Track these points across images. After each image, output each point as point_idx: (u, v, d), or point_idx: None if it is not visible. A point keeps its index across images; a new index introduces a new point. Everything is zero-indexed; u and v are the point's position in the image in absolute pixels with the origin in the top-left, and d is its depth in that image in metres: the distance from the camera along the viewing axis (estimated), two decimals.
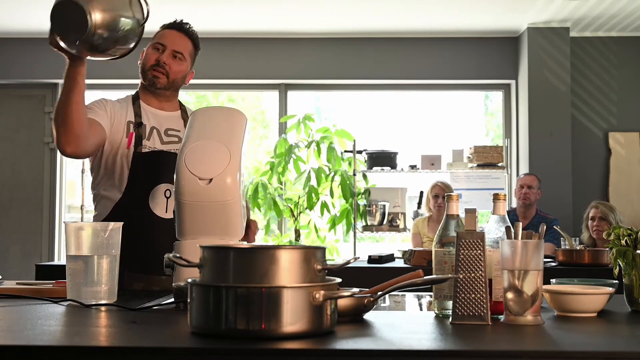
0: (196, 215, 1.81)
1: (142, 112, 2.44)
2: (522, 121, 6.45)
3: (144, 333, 1.44)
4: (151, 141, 2.39)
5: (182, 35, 2.45)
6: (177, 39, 2.44)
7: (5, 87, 6.76)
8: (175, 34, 2.44)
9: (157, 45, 2.42)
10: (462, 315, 1.54)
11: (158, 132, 2.42)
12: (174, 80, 2.44)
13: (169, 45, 2.42)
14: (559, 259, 4.21)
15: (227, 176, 1.81)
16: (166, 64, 2.40)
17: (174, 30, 2.45)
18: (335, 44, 6.61)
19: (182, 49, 2.44)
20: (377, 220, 6.08)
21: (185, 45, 2.45)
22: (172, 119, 2.48)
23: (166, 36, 2.44)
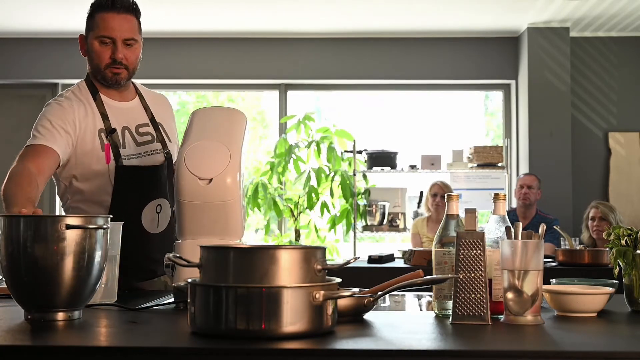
0: (196, 215, 1.81)
1: (108, 110, 2.25)
2: (522, 121, 6.45)
3: (144, 333, 1.44)
4: (127, 147, 2.24)
5: (125, 16, 2.19)
6: (122, 23, 2.18)
7: (5, 87, 6.76)
8: (116, 17, 2.17)
9: (104, 40, 2.19)
10: (462, 315, 1.54)
11: (130, 132, 2.27)
12: (134, 68, 2.26)
13: (117, 37, 2.18)
14: (559, 259, 4.21)
15: (227, 176, 1.81)
16: (123, 59, 2.20)
17: (113, 12, 2.18)
18: (335, 44, 6.61)
19: (131, 33, 2.20)
20: (377, 220, 6.08)
21: (132, 27, 2.21)
22: (136, 110, 2.33)
23: (109, 25, 2.17)
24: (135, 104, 2.34)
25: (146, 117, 2.33)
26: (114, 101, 2.29)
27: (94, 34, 2.21)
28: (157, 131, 2.32)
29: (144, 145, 2.29)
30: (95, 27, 2.21)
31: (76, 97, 2.25)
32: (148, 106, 2.35)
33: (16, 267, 1.52)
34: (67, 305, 1.54)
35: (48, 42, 6.54)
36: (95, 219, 1.58)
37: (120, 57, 2.19)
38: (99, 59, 2.22)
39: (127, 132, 2.27)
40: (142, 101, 2.36)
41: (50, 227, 1.51)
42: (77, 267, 1.53)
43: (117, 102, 2.30)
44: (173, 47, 6.53)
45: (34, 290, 1.53)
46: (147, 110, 2.34)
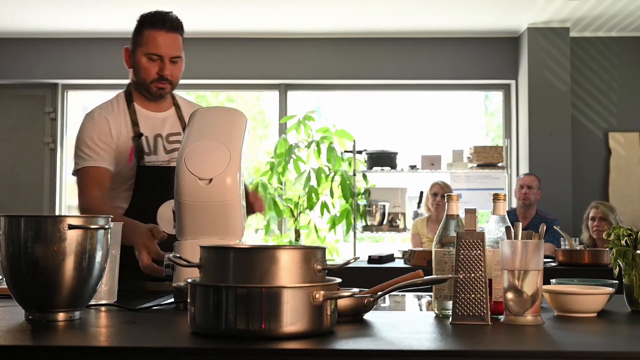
0: (196, 215, 1.81)
1: (140, 118, 2.38)
2: (522, 121, 6.45)
3: (144, 333, 1.44)
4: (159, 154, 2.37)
5: (172, 35, 2.31)
6: (170, 42, 2.30)
7: (5, 87, 6.76)
8: (164, 36, 2.30)
9: (152, 57, 2.31)
10: (462, 315, 1.54)
11: (162, 139, 2.40)
12: (177, 82, 2.40)
13: (165, 55, 2.30)
14: (559, 259, 4.21)
15: (227, 176, 1.80)
16: (169, 75, 2.33)
17: (162, 31, 2.30)
18: (335, 44, 6.61)
19: (178, 51, 2.33)
20: (377, 221, 6.08)
21: (178, 45, 2.33)
22: (170, 120, 2.44)
23: (157, 42, 2.30)
24: (170, 114, 2.45)
25: (179, 127, 2.43)
26: (148, 111, 2.41)
27: (142, 50, 2.32)
28: None
29: (173, 153, 2.39)
30: (144, 43, 2.32)
31: (112, 109, 2.40)
32: (182, 116, 2.45)
33: (17, 267, 1.52)
34: (68, 306, 1.55)
35: (48, 42, 6.55)
36: (96, 219, 1.58)
37: (168, 74, 2.32)
38: (146, 74, 2.34)
39: (159, 140, 2.39)
40: (177, 111, 2.46)
41: (52, 227, 1.51)
42: (78, 268, 1.53)
43: (151, 112, 2.42)
44: None
45: (35, 291, 1.53)
46: (180, 120, 2.44)
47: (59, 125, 6.75)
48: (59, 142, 6.72)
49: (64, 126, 6.79)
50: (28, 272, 1.51)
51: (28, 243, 1.51)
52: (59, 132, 6.73)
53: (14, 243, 1.52)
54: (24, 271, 1.51)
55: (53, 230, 1.51)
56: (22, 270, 1.51)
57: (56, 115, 6.73)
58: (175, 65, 2.34)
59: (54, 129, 6.73)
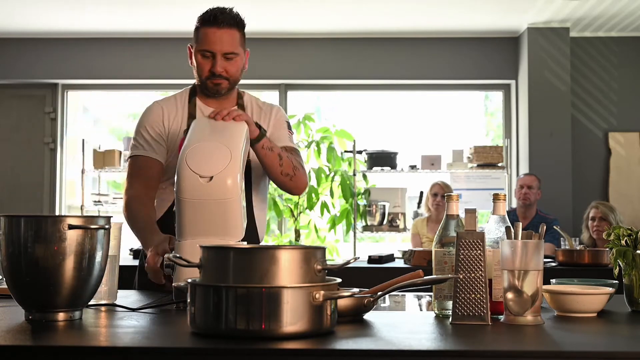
0: (196, 214, 1.81)
1: (198, 113, 2.36)
2: (522, 121, 6.45)
3: (144, 333, 1.44)
4: None
5: (226, 30, 2.27)
6: (224, 38, 2.26)
7: (5, 87, 6.76)
8: (218, 32, 2.26)
9: (206, 53, 2.28)
10: (462, 315, 1.54)
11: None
12: (236, 79, 2.34)
13: (217, 51, 2.27)
14: (559, 259, 4.21)
15: (228, 174, 1.81)
16: (222, 72, 2.29)
17: (215, 27, 2.27)
18: (335, 44, 6.61)
19: (231, 47, 2.27)
20: (377, 221, 6.08)
21: (233, 41, 2.28)
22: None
23: (210, 39, 2.27)
24: None
25: None
26: (208, 107, 2.36)
27: (197, 47, 2.31)
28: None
29: None
30: (199, 40, 2.30)
31: (173, 101, 2.40)
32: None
33: (17, 267, 1.52)
34: (68, 306, 1.55)
35: (48, 42, 6.54)
36: (96, 219, 1.58)
37: (220, 70, 2.28)
38: (201, 71, 2.32)
39: None
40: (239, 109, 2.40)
41: (52, 227, 1.51)
42: (78, 268, 1.53)
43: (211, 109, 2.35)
44: (173, 47, 6.52)
45: (35, 291, 1.53)
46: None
47: (59, 125, 6.74)
48: (59, 142, 6.72)
49: (64, 126, 6.79)
50: (28, 272, 1.51)
51: (28, 243, 1.51)
52: (59, 132, 6.73)
53: (14, 243, 1.52)
54: (24, 271, 1.51)
55: (53, 230, 1.51)
56: (22, 270, 1.51)
57: (56, 115, 6.73)
58: (230, 62, 2.29)
59: (54, 129, 6.72)
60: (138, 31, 6.37)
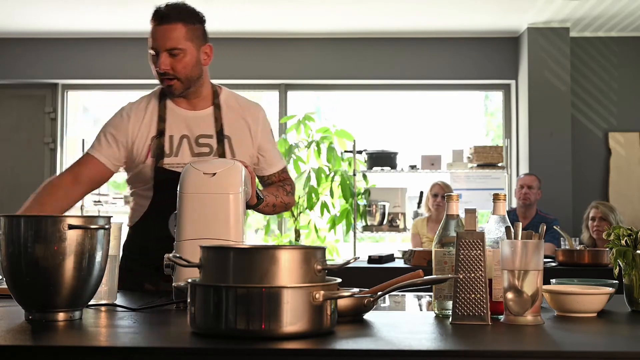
0: (197, 209, 1.82)
1: (169, 116, 2.27)
2: (522, 121, 6.45)
3: (144, 333, 1.44)
4: (180, 155, 2.23)
5: (169, 26, 2.17)
6: (165, 33, 2.17)
7: (5, 87, 6.76)
8: (160, 29, 2.17)
9: (151, 52, 2.21)
10: (462, 315, 1.54)
11: (189, 141, 2.25)
12: (188, 77, 2.21)
13: (160, 47, 2.17)
14: (559, 259, 4.21)
15: (231, 171, 1.84)
16: (169, 70, 2.18)
17: (156, 24, 2.19)
18: (335, 44, 6.61)
19: (174, 42, 2.17)
20: (377, 221, 6.08)
21: (177, 35, 2.17)
22: (204, 120, 2.28)
23: (153, 36, 2.19)
24: (204, 114, 2.30)
25: (213, 129, 2.28)
26: (180, 108, 2.29)
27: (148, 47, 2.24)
28: (219, 144, 2.26)
29: (199, 156, 2.25)
30: (148, 40, 2.23)
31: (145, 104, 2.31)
32: (220, 117, 2.29)
33: (17, 267, 1.52)
34: (68, 306, 1.55)
35: (48, 42, 6.54)
36: (96, 219, 1.58)
37: (163, 68, 2.18)
38: (153, 71, 2.24)
39: (185, 141, 2.26)
40: (215, 111, 2.30)
41: (52, 227, 1.51)
42: (78, 268, 1.53)
43: (183, 110, 2.29)
44: None
45: (35, 291, 1.53)
46: (217, 122, 2.29)
47: (59, 125, 6.75)
48: (59, 142, 6.72)
49: (64, 126, 6.79)
50: (28, 272, 1.51)
51: (28, 243, 1.51)
52: (59, 132, 6.73)
53: (14, 243, 1.52)
54: (24, 271, 1.51)
55: (53, 230, 1.51)
56: (22, 270, 1.51)
57: (56, 115, 6.73)
58: (176, 59, 2.18)
59: (54, 129, 6.73)
60: (138, 31, 6.36)
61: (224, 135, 2.28)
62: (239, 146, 2.29)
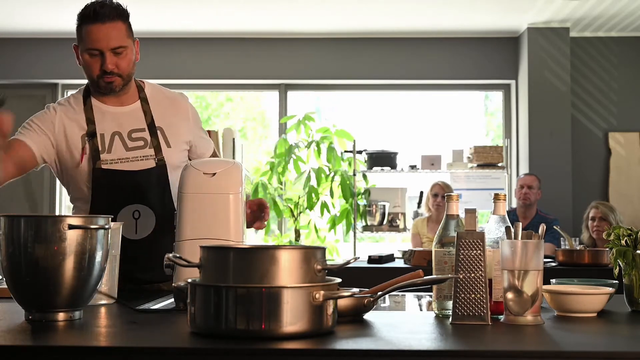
0: (197, 209, 1.82)
1: (97, 115, 2.25)
2: (522, 121, 6.45)
3: (144, 333, 1.44)
4: (113, 151, 2.22)
5: (110, 24, 2.16)
6: (108, 32, 2.15)
7: (5, 87, 6.76)
8: (102, 28, 2.15)
9: (92, 52, 2.17)
10: (462, 315, 1.54)
11: (121, 137, 2.24)
12: (129, 74, 2.23)
13: (104, 48, 2.16)
14: (559, 259, 4.21)
15: (231, 172, 1.85)
16: (113, 69, 2.18)
17: (97, 23, 2.15)
18: (335, 44, 6.61)
19: (119, 41, 2.16)
20: (377, 221, 6.08)
21: (120, 34, 2.17)
22: (134, 115, 2.28)
23: (95, 36, 2.16)
24: (133, 108, 2.29)
25: (143, 122, 2.28)
26: (108, 106, 2.27)
27: (83, 47, 2.21)
28: (153, 136, 2.26)
29: (134, 151, 2.24)
30: (84, 39, 2.19)
31: (67, 103, 2.28)
32: (150, 110, 2.30)
33: (17, 267, 1.52)
34: (68, 306, 1.55)
35: (48, 42, 6.54)
36: (96, 219, 1.58)
37: (110, 67, 2.18)
38: (90, 71, 2.21)
39: (117, 137, 2.25)
40: (143, 105, 2.30)
41: (52, 227, 1.51)
42: (78, 268, 1.53)
43: (111, 107, 2.28)
44: (173, 47, 6.53)
45: (35, 291, 1.52)
46: (146, 115, 2.29)
47: None
48: None
49: None
50: (28, 272, 1.51)
51: (28, 243, 1.51)
52: None
53: (14, 243, 1.52)
54: (24, 271, 1.51)
55: (53, 230, 1.51)
56: (22, 270, 1.51)
57: None
58: (120, 57, 2.18)
59: None
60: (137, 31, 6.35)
61: (155, 127, 2.28)
62: (173, 135, 2.30)
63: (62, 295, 1.52)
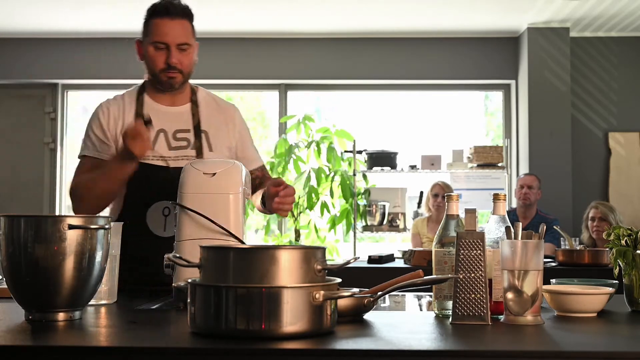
0: (198, 209, 1.82)
1: (147, 110, 2.29)
2: (522, 121, 6.45)
3: (144, 333, 1.44)
4: (156, 149, 2.25)
5: (179, 21, 2.24)
6: (176, 28, 2.23)
7: (5, 87, 6.76)
8: (170, 23, 2.23)
9: (159, 45, 2.24)
10: (462, 315, 1.54)
11: (166, 135, 2.29)
12: (188, 72, 2.30)
13: (171, 42, 2.23)
14: (559, 259, 4.21)
15: (231, 172, 1.85)
16: (177, 64, 2.24)
17: (167, 18, 2.23)
18: (335, 44, 6.61)
19: (184, 38, 2.25)
20: (377, 221, 6.08)
21: (186, 31, 2.26)
22: (182, 116, 2.33)
23: (163, 30, 2.23)
24: (183, 110, 2.34)
25: (190, 124, 2.32)
26: (159, 105, 2.33)
27: (149, 40, 2.27)
28: (197, 138, 2.30)
29: (177, 150, 2.28)
30: (150, 32, 2.26)
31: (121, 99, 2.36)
32: (198, 113, 2.34)
33: (17, 267, 1.52)
34: (68, 306, 1.55)
35: (48, 42, 6.54)
36: (96, 219, 1.58)
37: (175, 62, 2.24)
38: (154, 64, 2.27)
39: (162, 135, 2.29)
40: (192, 107, 2.35)
41: (52, 227, 1.51)
42: (78, 268, 1.53)
43: (163, 106, 2.33)
44: None
45: (35, 291, 1.53)
46: (194, 117, 2.33)
47: (59, 125, 6.74)
48: (59, 142, 6.72)
49: (64, 126, 6.79)
50: (28, 272, 1.51)
51: (28, 243, 1.51)
52: (59, 132, 6.73)
53: (14, 243, 1.52)
54: (24, 271, 1.51)
55: (53, 230, 1.51)
56: (22, 270, 1.51)
57: (56, 115, 6.73)
58: (184, 53, 2.25)
59: (54, 129, 6.73)
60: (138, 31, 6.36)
61: (201, 130, 2.32)
62: (216, 140, 2.33)
63: (62, 295, 1.53)
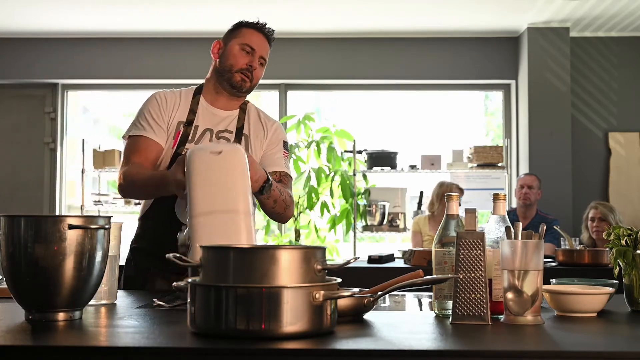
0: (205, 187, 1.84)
1: (199, 110, 2.38)
2: (522, 121, 6.45)
3: (144, 333, 1.44)
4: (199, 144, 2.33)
5: (266, 40, 2.43)
6: (264, 44, 2.42)
7: (5, 87, 6.76)
8: (260, 37, 2.41)
9: (246, 47, 2.37)
10: (462, 315, 1.54)
11: (211, 133, 2.37)
12: (255, 85, 2.42)
13: (257, 51, 2.39)
14: (559, 259, 4.21)
15: (236, 149, 1.91)
16: (254, 69, 2.38)
17: (260, 33, 2.42)
18: (335, 44, 6.61)
19: (266, 54, 2.43)
20: (377, 220, 6.08)
21: (267, 50, 2.45)
22: (229, 119, 2.41)
23: (254, 39, 2.40)
24: (231, 114, 2.43)
25: (234, 127, 2.41)
26: (212, 107, 2.40)
27: (237, 40, 2.38)
28: (237, 139, 2.38)
29: None
30: (241, 36, 2.39)
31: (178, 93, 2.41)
32: (243, 118, 2.44)
33: (17, 267, 1.52)
34: (68, 306, 1.55)
35: (48, 42, 6.54)
36: (96, 219, 1.58)
37: (255, 65, 2.37)
38: (235, 61, 2.36)
39: (207, 133, 2.37)
40: (240, 113, 2.44)
41: (52, 227, 1.51)
42: (78, 268, 1.53)
43: (214, 108, 2.40)
44: (173, 47, 6.53)
45: (35, 291, 1.53)
46: (239, 121, 2.43)
47: (59, 125, 6.75)
48: (59, 142, 6.72)
49: (64, 126, 6.79)
50: (28, 272, 1.51)
51: (28, 243, 1.51)
52: (59, 132, 6.73)
53: (14, 243, 1.52)
54: (24, 271, 1.51)
55: (53, 230, 1.51)
56: (22, 270, 1.51)
57: (56, 115, 6.73)
58: (260, 67, 2.41)
59: (54, 129, 6.73)
60: (138, 31, 6.37)
61: (242, 132, 2.41)
62: (255, 145, 2.42)
63: (62, 295, 1.53)
